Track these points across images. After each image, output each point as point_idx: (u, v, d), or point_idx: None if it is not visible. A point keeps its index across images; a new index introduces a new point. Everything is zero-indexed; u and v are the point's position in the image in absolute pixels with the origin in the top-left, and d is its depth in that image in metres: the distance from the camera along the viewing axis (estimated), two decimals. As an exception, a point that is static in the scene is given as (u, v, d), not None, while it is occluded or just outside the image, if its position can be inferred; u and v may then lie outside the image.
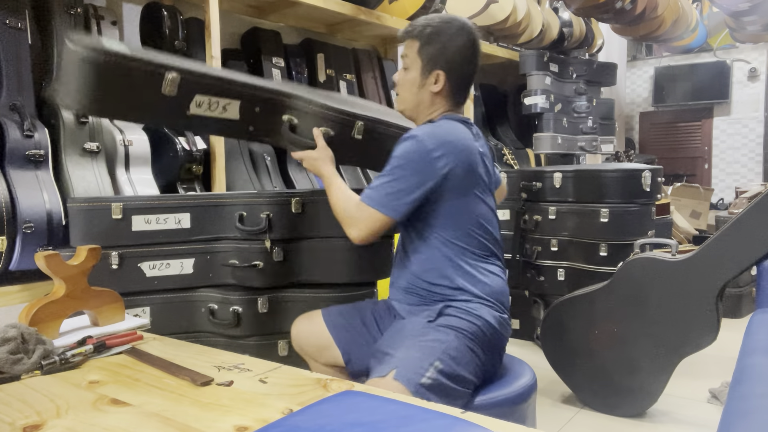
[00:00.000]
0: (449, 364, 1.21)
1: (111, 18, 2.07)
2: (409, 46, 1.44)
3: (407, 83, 1.45)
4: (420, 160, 1.32)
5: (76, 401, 0.83)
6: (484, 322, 1.31)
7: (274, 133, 1.54)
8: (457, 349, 1.25)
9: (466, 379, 1.24)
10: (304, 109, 1.53)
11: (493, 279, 1.38)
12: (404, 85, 1.46)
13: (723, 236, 1.82)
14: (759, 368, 1.13)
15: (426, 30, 1.42)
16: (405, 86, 1.46)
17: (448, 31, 1.41)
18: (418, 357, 1.20)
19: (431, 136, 1.33)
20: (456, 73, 1.42)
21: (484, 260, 1.38)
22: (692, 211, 4.92)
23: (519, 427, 0.72)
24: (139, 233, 1.66)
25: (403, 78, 1.46)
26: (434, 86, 1.42)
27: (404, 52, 1.46)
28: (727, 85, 6.61)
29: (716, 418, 1.10)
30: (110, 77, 1.22)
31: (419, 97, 1.44)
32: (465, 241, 1.36)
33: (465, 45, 1.42)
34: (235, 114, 1.44)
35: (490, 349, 1.33)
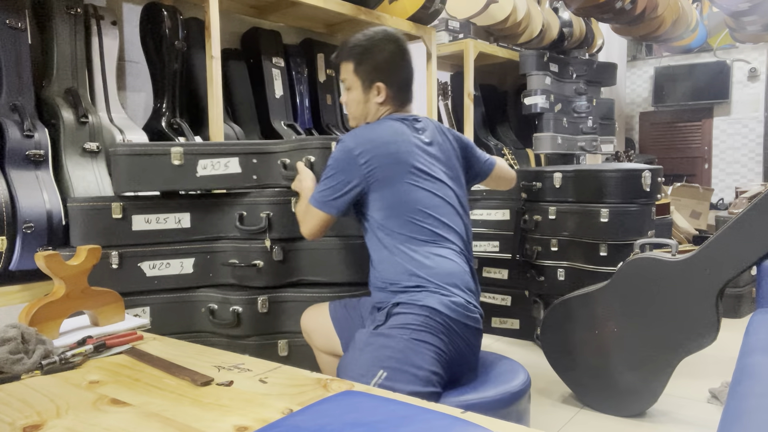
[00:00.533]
0: (396, 366, 1.27)
1: (111, 18, 2.07)
2: (345, 69, 1.56)
3: (353, 102, 1.58)
4: (344, 159, 1.45)
5: (76, 401, 0.83)
6: (431, 310, 1.34)
7: (274, 175, 1.74)
8: (404, 348, 1.29)
9: (419, 372, 1.28)
10: (293, 148, 1.72)
11: (439, 261, 1.41)
12: (351, 104, 1.59)
13: (723, 236, 1.82)
14: (759, 368, 1.12)
15: (355, 50, 1.54)
16: (352, 105, 1.59)
17: (376, 45, 1.53)
18: (365, 366, 1.29)
19: (353, 137, 1.47)
20: (393, 79, 1.54)
21: (430, 245, 1.43)
22: (692, 211, 4.91)
23: (519, 427, 0.72)
24: (139, 233, 1.66)
25: (349, 98, 1.58)
26: (377, 98, 1.55)
27: (343, 76, 1.58)
28: (727, 85, 6.61)
29: (716, 418, 1.10)
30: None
31: (366, 109, 1.57)
32: (408, 229, 1.42)
33: (394, 53, 1.54)
34: (237, 168, 1.71)
35: (447, 334, 1.34)
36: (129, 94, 2.30)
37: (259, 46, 2.56)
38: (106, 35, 2.05)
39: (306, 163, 1.68)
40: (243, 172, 1.71)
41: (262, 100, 2.53)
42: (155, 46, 2.15)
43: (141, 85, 2.32)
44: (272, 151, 1.72)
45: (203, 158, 1.67)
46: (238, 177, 1.70)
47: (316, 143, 1.68)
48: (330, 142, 1.69)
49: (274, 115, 2.53)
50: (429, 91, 3.21)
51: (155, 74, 2.19)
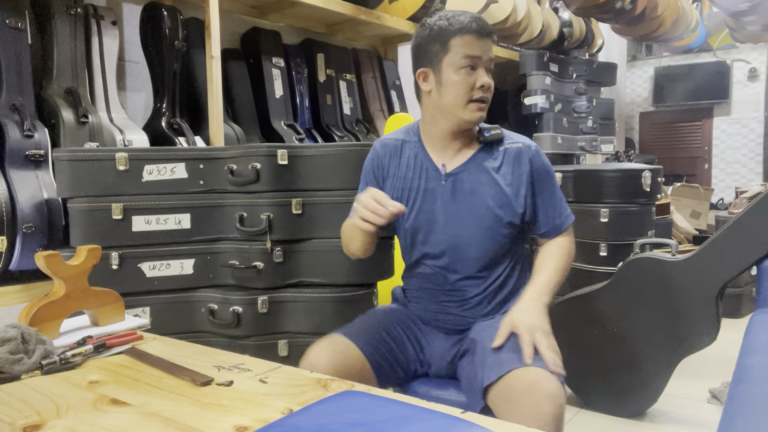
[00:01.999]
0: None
1: (111, 18, 2.07)
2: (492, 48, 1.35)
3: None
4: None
5: (76, 401, 0.83)
6: None
7: (221, 181, 1.71)
8: None
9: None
10: (239, 154, 1.69)
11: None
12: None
13: (723, 236, 1.82)
14: (759, 368, 1.12)
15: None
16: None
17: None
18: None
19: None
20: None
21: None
22: (692, 211, 4.91)
23: (519, 427, 0.73)
24: (140, 233, 1.66)
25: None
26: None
27: (492, 55, 1.34)
28: (727, 85, 6.61)
29: (716, 418, 1.10)
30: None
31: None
32: None
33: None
34: (183, 173, 1.70)
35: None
36: (129, 94, 2.30)
37: (259, 46, 2.56)
38: (106, 35, 2.05)
39: (251, 169, 1.65)
40: (189, 177, 1.70)
41: (262, 100, 2.53)
42: (155, 46, 2.15)
43: (141, 85, 2.32)
44: (219, 156, 1.72)
45: (149, 164, 1.67)
46: (185, 182, 1.70)
47: (262, 150, 1.67)
48: (276, 149, 1.68)
49: (274, 115, 2.53)
50: (429, 91, 3.20)
51: (155, 74, 2.19)
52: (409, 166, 1.40)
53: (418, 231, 1.38)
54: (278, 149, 1.68)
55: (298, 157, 1.70)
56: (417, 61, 1.36)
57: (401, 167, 1.41)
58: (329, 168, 1.70)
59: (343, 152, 1.71)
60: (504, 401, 1.12)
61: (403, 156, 1.41)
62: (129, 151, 1.66)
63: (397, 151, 1.42)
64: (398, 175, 1.40)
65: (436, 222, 1.36)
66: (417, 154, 1.40)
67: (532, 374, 1.11)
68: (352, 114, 2.92)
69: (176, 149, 1.74)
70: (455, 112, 1.32)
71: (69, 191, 1.64)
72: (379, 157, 1.43)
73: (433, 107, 1.35)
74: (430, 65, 1.33)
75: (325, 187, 1.70)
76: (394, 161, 1.42)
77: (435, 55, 1.31)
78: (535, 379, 1.09)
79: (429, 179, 1.37)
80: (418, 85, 1.37)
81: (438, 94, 1.33)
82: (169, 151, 1.70)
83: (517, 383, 1.10)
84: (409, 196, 1.38)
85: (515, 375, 1.12)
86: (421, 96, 1.39)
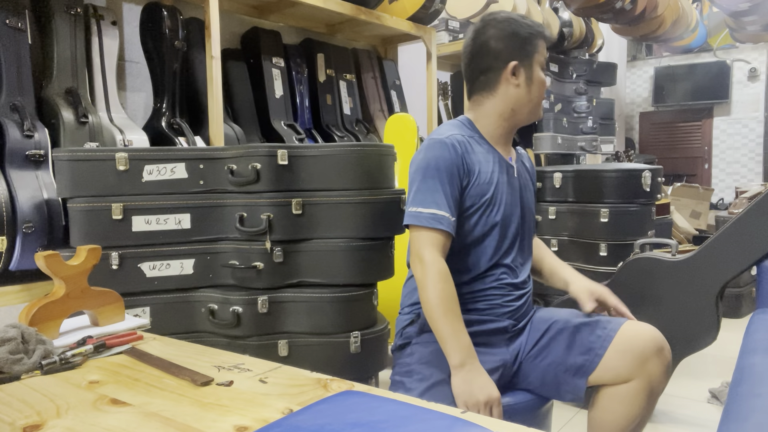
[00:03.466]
0: None
1: (111, 18, 2.07)
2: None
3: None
4: None
5: (76, 401, 0.83)
6: None
7: (221, 181, 1.71)
8: None
9: None
10: (239, 155, 1.69)
11: None
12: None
13: (723, 236, 1.82)
14: (759, 368, 1.13)
15: None
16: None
17: None
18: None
19: None
20: None
21: None
22: (692, 211, 4.92)
23: (519, 427, 0.73)
24: (140, 234, 1.66)
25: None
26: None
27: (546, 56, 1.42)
28: (727, 85, 6.61)
29: (716, 418, 1.10)
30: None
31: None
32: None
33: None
34: (183, 173, 1.69)
35: None
36: (129, 94, 2.30)
37: (259, 46, 2.56)
38: (106, 35, 2.05)
39: (252, 169, 1.66)
40: (189, 177, 1.70)
41: (262, 100, 2.53)
42: (155, 46, 2.15)
43: (141, 85, 2.32)
44: (219, 156, 1.72)
45: (149, 164, 1.67)
46: (185, 182, 1.70)
47: (262, 150, 1.67)
48: (276, 149, 1.68)
49: (274, 115, 2.53)
50: (429, 91, 3.21)
51: (155, 74, 2.19)
52: (488, 161, 1.37)
53: (505, 224, 1.37)
54: (278, 149, 1.68)
55: (298, 157, 1.70)
56: (503, 55, 1.35)
57: (480, 163, 1.35)
58: (329, 168, 1.70)
59: (343, 152, 1.71)
60: (626, 356, 1.26)
61: (477, 152, 1.36)
62: (129, 151, 1.66)
63: (469, 147, 1.36)
64: (483, 171, 1.35)
65: (514, 214, 1.40)
66: (487, 148, 1.39)
67: (644, 326, 1.31)
68: (352, 114, 2.93)
69: (176, 149, 1.74)
70: (536, 108, 1.40)
71: (69, 191, 1.64)
72: (460, 156, 1.33)
73: (516, 101, 1.37)
74: (521, 60, 1.35)
75: (325, 187, 1.70)
76: (473, 157, 1.35)
77: (529, 52, 1.36)
78: (649, 328, 1.30)
79: (505, 173, 1.40)
80: (501, 78, 1.36)
81: (526, 90, 1.36)
82: (169, 151, 1.70)
83: (636, 333, 1.29)
84: (497, 191, 1.36)
85: (630, 328, 1.30)
86: (497, 89, 1.37)
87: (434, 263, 1.24)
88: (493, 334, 1.35)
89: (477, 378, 1.18)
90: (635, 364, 1.25)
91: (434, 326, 1.22)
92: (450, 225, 1.26)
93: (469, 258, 1.35)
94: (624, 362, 1.25)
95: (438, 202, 1.27)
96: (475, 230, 1.34)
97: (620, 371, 1.26)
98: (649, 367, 1.25)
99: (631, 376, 1.25)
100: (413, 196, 1.30)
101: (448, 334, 1.20)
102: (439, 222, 1.25)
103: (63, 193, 1.66)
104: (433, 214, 1.25)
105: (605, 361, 1.27)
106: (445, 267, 1.25)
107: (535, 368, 1.35)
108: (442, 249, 1.26)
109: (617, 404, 1.27)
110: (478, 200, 1.33)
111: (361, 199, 1.71)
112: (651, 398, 1.27)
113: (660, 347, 1.28)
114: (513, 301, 1.38)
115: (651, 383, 1.26)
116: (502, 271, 1.37)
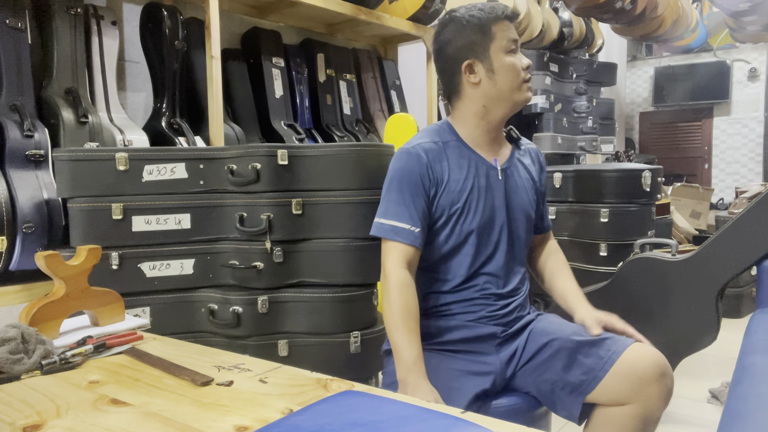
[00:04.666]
0: None
1: (111, 18, 2.07)
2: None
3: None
4: None
5: (76, 401, 0.83)
6: None
7: (221, 181, 1.70)
8: None
9: None
10: (239, 155, 1.68)
11: None
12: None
13: (723, 236, 1.82)
14: (759, 368, 1.13)
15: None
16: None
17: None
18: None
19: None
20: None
21: None
22: (692, 211, 4.92)
23: (519, 427, 0.73)
24: (140, 234, 1.66)
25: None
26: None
27: (517, 35, 1.34)
28: (727, 85, 6.61)
29: (716, 418, 1.10)
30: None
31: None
32: None
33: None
34: (183, 173, 1.69)
35: None
36: (129, 94, 2.30)
37: (259, 46, 2.56)
38: (106, 35, 2.05)
39: (251, 169, 1.64)
40: (189, 177, 1.70)
41: (262, 100, 2.53)
42: (155, 46, 2.15)
43: (141, 85, 2.32)
44: (219, 156, 1.72)
45: (149, 164, 1.67)
46: (185, 182, 1.70)
47: (262, 150, 1.67)
48: (276, 149, 1.67)
49: (274, 115, 2.53)
50: (429, 91, 3.21)
51: (155, 74, 2.19)
52: (461, 167, 1.32)
53: (484, 231, 1.32)
54: (278, 149, 1.68)
55: (298, 157, 1.70)
56: (456, 57, 1.32)
57: (453, 170, 1.31)
58: (329, 168, 1.70)
59: (343, 152, 1.71)
60: (626, 379, 1.21)
61: (450, 158, 1.32)
62: (129, 151, 1.66)
63: (442, 154, 1.32)
64: (453, 179, 1.31)
65: (496, 221, 1.33)
66: (463, 153, 1.34)
67: (648, 350, 1.24)
68: (352, 114, 2.92)
69: (176, 149, 1.74)
70: (511, 95, 1.32)
71: (69, 191, 1.64)
72: (428, 164, 1.29)
73: (484, 97, 1.32)
74: (475, 56, 1.30)
75: (325, 187, 1.70)
76: (444, 165, 1.31)
77: (479, 44, 1.30)
78: (653, 353, 1.23)
79: (485, 176, 1.33)
80: (462, 79, 1.33)
81: (491, 82, 1.30)
82: (169, 151, 1.70)
83: (639, 357, 1.22)
84: (470, 198, 1.31)
85: (634, 351, 1.23)
86: (462, 91, 1.34)
87: (392, 274, 1.24)
88: (482, 341, 1.32)
89: (417, 391, 1.15)
90: (634, 388, 1.20)
91: (389, 336, 1.22)
92: (410, 236, 1.25)
93: (447, 268, 1.33)
94: (622, 386, 1.21)
95: (399, 213, 1.26)
96: (450, 240, 1.31)
97: (617, 395, 1.22)
98: (648, 392, 1.20)
99: (627, 400, 1.21)
100: (379, 207, 1.31)
101: (398, 346, 1.19)
102: (397, 234, 1.25)
103: (63, 193, 1.66)
104: (393, 226, 1.26)
105: (604, 384, 1.22)
106: (406, 278, 1.24)
107: (531, 381, 1.32)
108: (405, 260, 1.25)
109: (610, 427, 1.23)
110: (448, 209, 1.29)
111: (361, 199, 1.71)
112: (646, 424, 1.21)
113: (662, 373, 1.21)
114: (498, 310, 1.33)
115: (647, 409, 1.21)
116: (485, 280, 1.33)
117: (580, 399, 1.24)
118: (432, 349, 1.31)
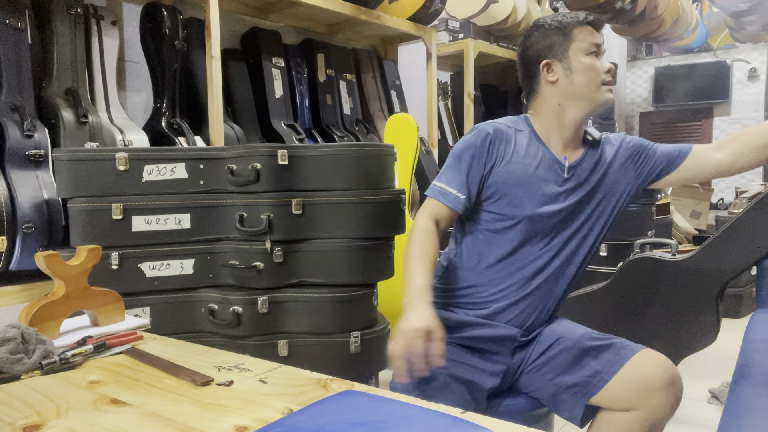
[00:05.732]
0: None
1: (111, 18, 2.07)
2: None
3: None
4: None
5: (76, 401, 0.83)
6: None
7: (221, 181, 1.71)
8: None
9: None
10: (239, 154, 1.69)
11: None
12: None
13: (723, 236, 1.82)
14: (759, 368, 1.12)
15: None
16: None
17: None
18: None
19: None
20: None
21: None
22: (692, 211, 4.91)
23: (519, 427, 0.72)
24: (140, 234, 1.66)
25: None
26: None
27: (600, 41, 1.37)
28: (727, 85, 6.61)
29: (716, 418, 1.10)
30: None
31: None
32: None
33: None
34: (183, 173, 1.70)
35: None
36: (129, 94, 2.30)
37: (259, 46, 2.56)
38: (106, 35, 2.05)
39: (252, 169, 1.65)
40: (189, 177, 1.70)
41: (262, 100, 2.53)
42: (155, 46, 2.16)
43: (141, 85, 2.32)
44: (219, 156, 1.72)
45: (149, 164, 1.67)
46: (185, 182, 1.70)
47: (262, 150, 1.67)
48: (276, 149, 1.67)
49: (274, 115, 2.53)
50: (429, 91, 3.21)
51: (155, 74, 2.19)
52: (527, 154, 1.34)
53: (536, 221, 1.33)
54: (278, 149, 1.68)
55: (298, 157, 1.70)
56: (535, 57, 1.36)
57: (517, 153, 1.34)
58: (329, 168, 1.70)
59: (343, 152, 1.71)
60: (632, 385, 1.22)
61: (518, 144, 1.35)
62: (129, 151, 1.66)
63: (511, 137, 1.35)
64: (515, 161, 1.33)
65: (550, 217, 1.33)
66: (533, 144, 1.36)
67: (658, 357, 1.25)
68: (352, 114, 2.93)
69: (176, 149, 1.74)
70: (589, 95, 1.34)
71: (69, 191, 1.64)
72: (493, 140, 1.33)
73: (561, 95, 1.34)
74: (554, 56, 1.34)
75: (325, 187, 1.70)
76: (509, 147, 1.34)
77: (558, 45, 1.34)
78: (662, 360, 1.24)
79: (549, 170, 1.34)
80: (540, 78, 1.36)
81: (568, 81, 1.33)
82: (169, 151, 1.70)
83: (647, 363, 1.23)
84: (531, 182, 1.32)
85: (643, 356, 1.25)
86: (540, 89, 1.37)
87: (420, 220, 1.30)
88: (500, 342, 1.32)
89: (419, 311, 1.13)
90: (640, 394, 1.19)
91: (404, 270, 1.25)
92: (454, 201, 1.30)
93: (488, 246, 1.35)
94: (628, 391, 1.20)
95: (451, 179, 1.32)
96: (497, 221, 1.34)
97: (623, 400, 1.21)
98: (655, 399, 1.19)
99: (633, 406, 1.20)
100: (439, 172, 1.37)
101: (410, 275, 1.21)
102: (443, 196, 1.31)
103: (63, 193, 1.66)
104: (442, 188, 1.32)
105: (609, 387, 1.22)
106: (431, 227, 1.29)
107: (535, 381, 1.32)
108: (437, 216, 1.31)
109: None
110: (502, 187, 1.32)
111: (361, 199, 1.71)
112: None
113: (670, 381, 1.20)
114: (525, 309, 1.34)
115: (652, 416, 1.20)
116: (530, 272, 1.34)
117: (584, 401, 1.24)
118: (451, 343, 1.30)
